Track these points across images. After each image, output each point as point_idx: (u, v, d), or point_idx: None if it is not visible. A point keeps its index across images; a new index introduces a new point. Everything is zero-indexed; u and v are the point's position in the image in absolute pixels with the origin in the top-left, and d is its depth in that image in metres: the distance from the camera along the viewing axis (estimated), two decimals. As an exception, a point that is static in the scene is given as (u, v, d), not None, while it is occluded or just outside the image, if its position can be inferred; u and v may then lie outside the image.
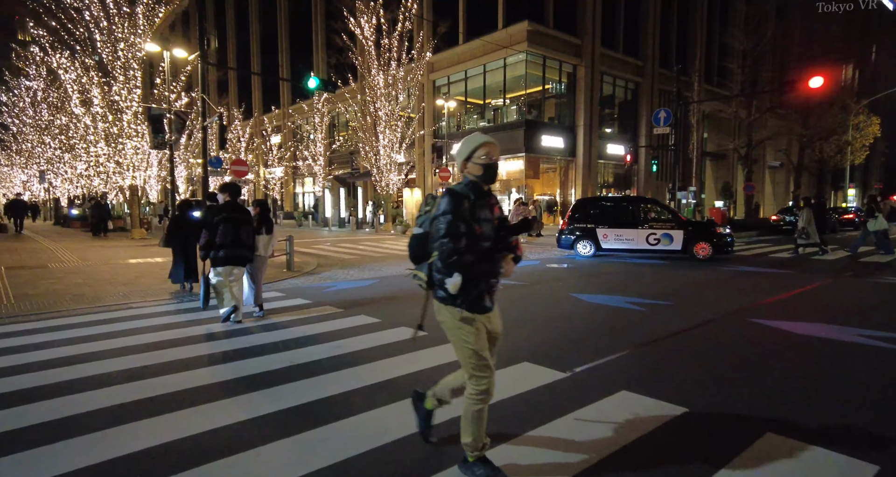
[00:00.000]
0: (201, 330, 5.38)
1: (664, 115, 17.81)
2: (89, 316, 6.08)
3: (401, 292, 7.64)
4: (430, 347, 4.53)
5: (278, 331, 5.30)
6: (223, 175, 15.04)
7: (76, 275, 9.17)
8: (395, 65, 22.82)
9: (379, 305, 6.61)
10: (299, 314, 6.10)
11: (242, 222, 5.51)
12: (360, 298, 7.21)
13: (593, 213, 12.43)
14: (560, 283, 8.51)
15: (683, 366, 4.05)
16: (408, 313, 6.06)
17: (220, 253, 5.39)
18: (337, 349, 4.55)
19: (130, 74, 16.49)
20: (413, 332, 2.66)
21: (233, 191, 5.67)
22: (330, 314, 6.08)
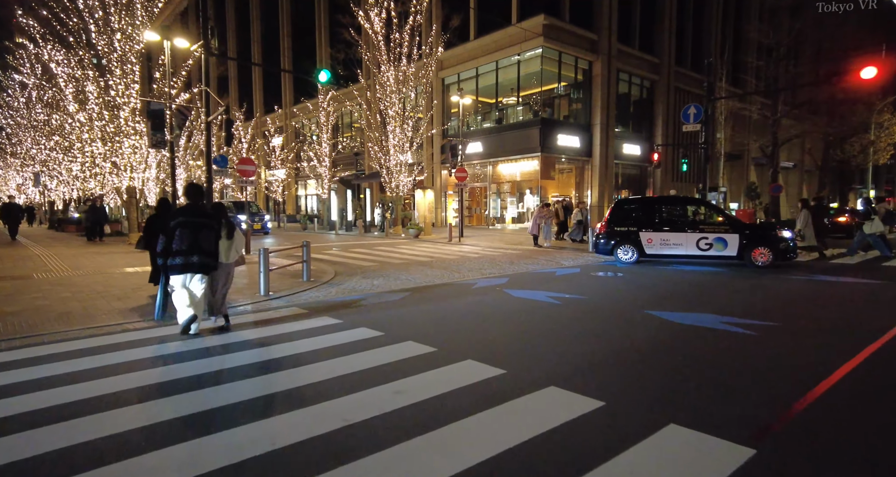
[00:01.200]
0: (218, 363, 4.28)
1: (694, 111, 16.73)
2: (75, 343, 4.96)
3: (443, 309, 6.53)
4: (531, 391, 3.41)
5: (314, 366, 4.19)
6: (228, 175, 13.94)
7: (64, 287, 8.06)
8: (406, 60, 21.76)
9: (423, 327, 5.51)
10: (332, 337, 5.00)
11: (202, 227, 5.05)
12: (398, 316, 6.10)
13: (635, 215, 11.34)
14: (624, 295, 7.40)
15: None
16: (464, 339, 4.96)
17: (175, 260, 4.94)
18: (399, 397, 3.44)
19: (128, 68, 15.40)
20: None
21: (193, 193, 5.28)
22: (369, 338, 4.97)
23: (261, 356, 4.46)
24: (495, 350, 4.48)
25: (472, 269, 10.59)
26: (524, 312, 6.19)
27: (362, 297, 7.40)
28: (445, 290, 7.99)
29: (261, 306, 6.79)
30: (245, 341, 4.97)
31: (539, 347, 4.63)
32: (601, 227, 11.65)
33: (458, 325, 5.56)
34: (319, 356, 4.41)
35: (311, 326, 5.59)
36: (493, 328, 5.38)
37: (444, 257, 12.91)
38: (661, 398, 3.35)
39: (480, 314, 6.09)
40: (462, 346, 4.64)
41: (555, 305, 6.51)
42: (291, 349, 4.65)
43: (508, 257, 12.84)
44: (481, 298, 7.16)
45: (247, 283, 8.62)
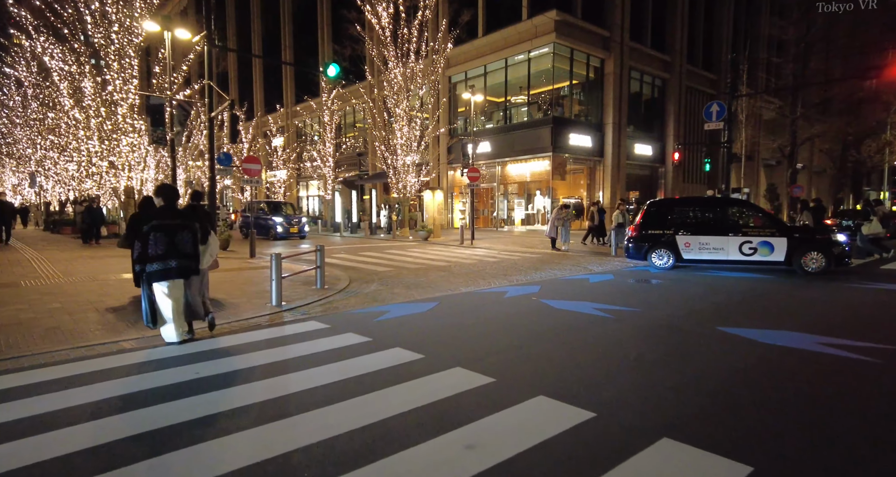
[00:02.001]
0: (229, 399, 3.51)
1: (717, 108, 16.02)
2: (59, 369, 4.19)
3: (481, 324, 5.77)
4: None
5: (350, 404, 3.43)
6: (232, 174, 13.19)
7: (54, 296, 7.28)
8: (414, 57, 21.04)
9: (466, 348, 4.75)
10: (364, 362, 4.24)
11: (178, 229, 4.80)
12: (432, 333, 5.34)
13: (671, 217, 10.57)
14: (681, 307, 6.63)
15: None
16: (522, 366, 4.20)
17: (153, 266, 4.66)
18: (472, 456, 2.68)
19: (126, 63, 14.64)
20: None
21: (168, 194, 4.98)
22: (407, 363, 4.21)
23: (285, 387, 3.69)
24: (566, 383, 3.72)
25: (496, 274, 9.83)
26: (576, 328, 5.43)
27: (387, 308, 6.63)
28: (475, 299, 7.24)
29: (274, 319, 6.03)
30: (260, 367, 4.21)
31: (619, 377, 3.86)
32: (633, 231, 10.87)
33: (506, 345, 4.79)
34: (353, 388, 3.65)
35: (337, 345, 4.83)
36: (550, 351, 4.62)
37: (462, 262, 12.16)
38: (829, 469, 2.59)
39: (528, 331, 5.33)
40: (525, 376, 3.87)
41: (608, 321, 5.74)
42: (319, 377, 3.89)
43: (530, 262, 12.08)
44: (519, 310, 6.41)
45: (255, 291, 7.86)
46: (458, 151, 26.44)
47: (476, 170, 17.85)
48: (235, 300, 7.13)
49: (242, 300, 7.15)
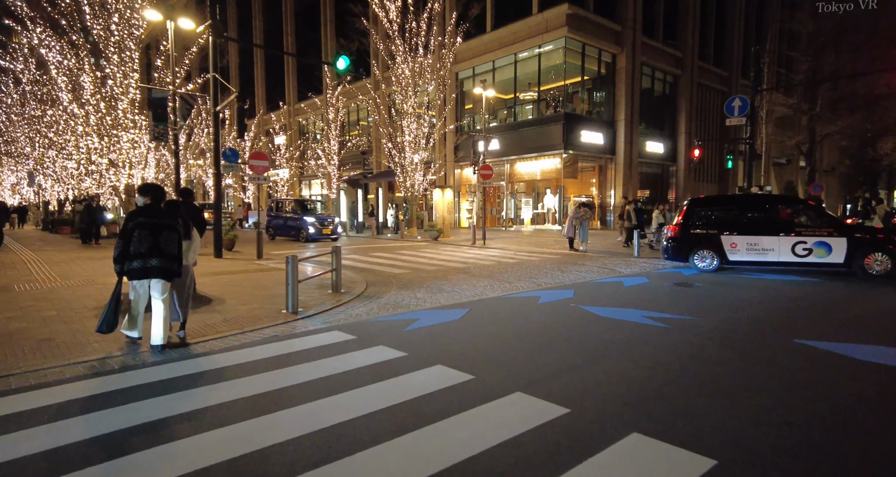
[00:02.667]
0: (251, 437, 2.92)
1: (739, 103, 15.43)
2: (50, 392, 3.60)
3: (524, 336, 5.19)
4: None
5: (404, 442, 2.84)
6: (238, 171, 12.62)
7: (50, 302, 6.70)
8: (423, 51, 20.44)
9: (518, 366, 4.16)
10: (404, 382, 3.65)
11: (163, 228, 4.65)
12: (473, 346, 4.76)
13: (715, 216, 9.91)
14: (741, 315, 6.02)
15: None
16: (593, 389, 3.62)
17: (133, 264, 4.51)
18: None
19: (126, 56, 14.04)
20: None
21: (154, 192, 4.83)
22: (457, 386, 3.63)
23: (322, 416, 3.10)
24: (661, 417, 3.09)
25: (520, 277, 9.24)
26: (636, 341, 4.84)
27: (414, 315, 6.04)
28: (506, 305, 6.65)
29: (293, 329, 5.44)
30: (291, 389, 3.62)
31: (726, 411, 3.27)
32: (673, 231, 10.24)
33: (565, 364, 4.20)
34: (404, 420, 3.06)
35: (369, 360, 4.24)
36: (620, 371, 4.01)
37: (479, 263, 11.57)
38: None
39: (582, 345, 4.74)
40: (604, 405, 3.27)
41: (667, 332, 5.15)
42: (360, 403, 3.30)
43: (552, 263, 11.50)
44: (560, 319, 5.82)
45: (266, 296, 7.27)
46: (467, 149, 25.87)
47: (489, 167, 17.27)
48: (247, 306, 6.55)
49: (254, 306, 6.56)
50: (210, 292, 7.47)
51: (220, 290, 7.72)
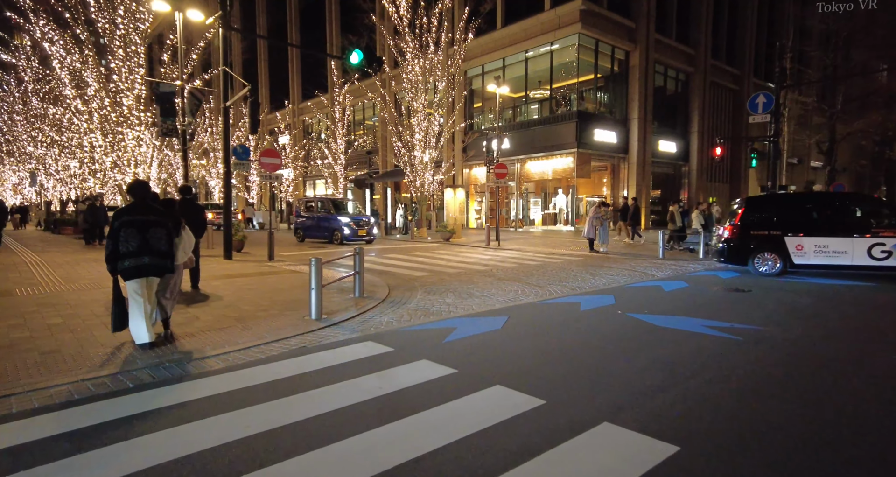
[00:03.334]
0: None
1: (764, 100, 14.92)
2: (54, 419, 3.12)
3: (579, 346, 4.71)
4: None
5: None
6: (249, 169, 12.14)
7: (54, 308, 6.22)
8: (434, 47, 19.98)
9: (590, 387, 3.68)
10: (465, 407, 3.17)
11: (151, 225, 4.62)
12: (530, 362, 4.27)
13: (778, 216, 9.28)
14: (813, 326, 5.55)
15: None
16: (697, 423, 3.13)
17: (125, 263, 4.48)
18: None
19: (132, 50, 13.58)
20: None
21: (139, 190, 4.79)
22: (528, 413, 3.14)
23: (385, 456, 2.62)
24: (778, 453, 2.64)
25: (549, 280, 8.76)
26: (712, 357, 4.35)
27: (451, 324, 5.55)
28: (546, 313, 6.16)
29: (320, 339, 4.96)
30: (337, 413, 3.14)
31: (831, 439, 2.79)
32: (730, 232, 9.53)
33: (645, 385, 3.70)
34: (478, 455, 2.58)
35: (416, 378, 3.75)
36: (716, 397, 3.52)
37: (500, 265, 11.09)
38: None
39: (653, 361, 4.24)
40: (720, 444, 2.79)
41: (743, 346, 4.64)
42: (419, 434, 2.82)
43: (576, 265, 11.01)
44: (613, 329, 5.33)
45: (286, 301, 6.79)
46: (476, 148, 25.39)
47: (504, 166, 16.80)
48: (266, 312, 6.06)
49: (274, 312, 6.08)
50: (224, 297, 6.99)
51: (234, 294, 7.25)
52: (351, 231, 16.14)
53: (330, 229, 16.64)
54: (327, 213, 16.93)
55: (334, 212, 16.72)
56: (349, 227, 16.18)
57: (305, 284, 8.18)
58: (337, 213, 16.63)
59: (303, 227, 17.89)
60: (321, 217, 17.14)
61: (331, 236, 16.61)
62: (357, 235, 16.27)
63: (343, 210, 17.26)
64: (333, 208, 16.92)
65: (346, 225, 16.21)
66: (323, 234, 16.96)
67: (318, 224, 17.12)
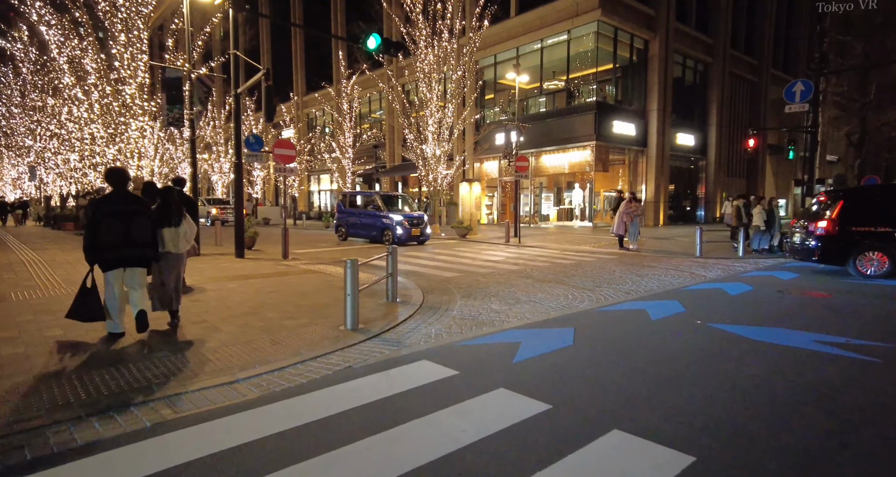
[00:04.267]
0: None
1: (802, 87, 14.06)
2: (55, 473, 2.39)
3: (683, 367, 3.97)
4: None
5: None
6: (262, 160, 11.36)
7: (53, 316, 5.49)
8: (448, 34, 19.15)
9: (747, 435, 2.94)
10: (590, 462, 2.43)
11: (133, 214, 4.49)
12: (634, 393, 3.53)
13: (885, 210, 8.26)
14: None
15: None
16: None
17: (106, 254, 4.38)
18: None
19: (134, 35, 12.78)
20: None
21: (118, 178, 4.58)
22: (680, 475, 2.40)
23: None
24: None
25: (596, 283, 8.01)
26: (862, 386, 3.61)
27: (510, 337, 4.81)
28: (614, 323, 5.42)
29: (365, 357, 4.21)
30: (421, 473, 2.39)
31: None
32: (827, 227, 8.51)
33: (818, 427, 2.97)
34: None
35: (503, 417, 3.00)
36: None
37: (532, 264, 10.34)
38: None
39: (788, 393, 3.51)
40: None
41: (882, 368, 3.91)
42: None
43: (613, 264, 10.28)
44: (704, 345, 4.59)
45: (312, 306, 6.05)
46: (490, 142, 24.59)
47: (525, 159, 16.01)
48: (294, 321, 5.33)
49: (303, 321, 5.35)
50: (244, 301, 6.25)
51: (254, 298, 6.51)
52: (404, 231, 14.12)
53: (379, 228, 14.71)
54: (376, 209, 14.84)
55: (385, 208, 14.67)
56: (402, 227, 14.14)
57: (330, 286, 7.47)
58: (389, 209, 14.68)
59: (346, 225, 16.00)
60: (369, 213, 15.10)
61: (380, 236, 14.65)
62: (411, 236, 14.30)
63: (394, 206, 15.29)
64: (384, 205, 14.81)
65: (398, 224, 14.16)
66: (370, 233, 15.09)
67: (366, 222, 15.23)
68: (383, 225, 14.50)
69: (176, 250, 5.01)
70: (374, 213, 14.87)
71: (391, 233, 14.20)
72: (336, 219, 16.70)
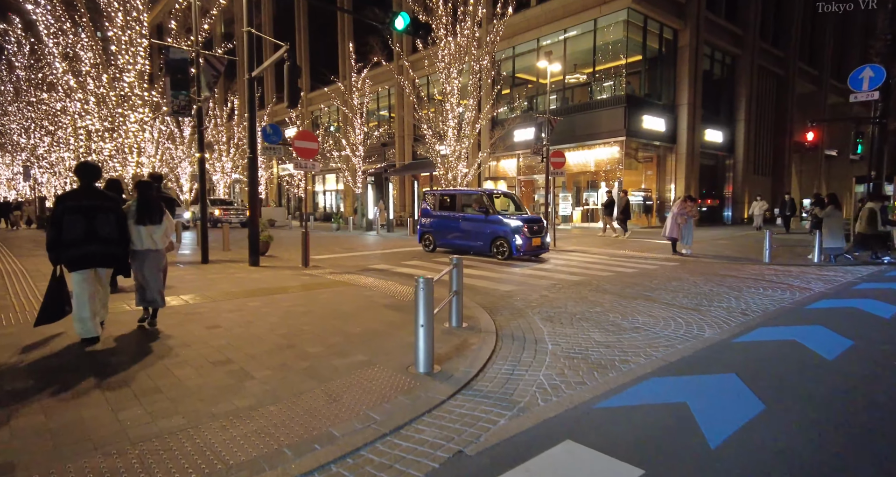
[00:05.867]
0: None
1: (871, 73, 12.70)
2: None
3: None
4: None
5: None
6: (281, 154, 10.03)
7: (24, 358, 4.12)
8: (471, 22, 17.83)
9: None
10: None
11: (97, 210, 4.24)
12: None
13: None
14: None
15: None
16: None
17: (69, 252, 4.14)
18: None
19: (133, 16, 11.42)
20: None
21: (87, 173, 4.36)
22: None
23: None
24: None
25: (692, 299, 6.66)
26: None
27: (662, 394, 3.45)
28: (779, 365, 4.06)
29: (465, 423, 2.87)
30: None
31: None
32: None
33: None
34: None
35: None
36: None
37: (591, 273, 8.99)
38: None
39: None
40: None
41: None
42: None
43: (687, 274, 8.94)
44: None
45: (359, 335, 4.69)
46: (508, 137, 23.21)
47: (561, 154, 14.71)
48: (346, 358, 3.98)
49: (358, 357, 4.01)
50: (274, 327, 4.88)
51: (285, 322, 5.15)
52: (524, 241, 10.58)
53: (487, 236, 11.25)
54: (483, 211, 11.31)
55: (493, 211, 11.20)
56: (522, 235, 10.56)
57: (372, 304, 6.12)
58: (503, 215, 11.16)
59: (435, 232, 12.51)
60: (471, 218, 11.61)
61: (488, 247, 11.26)
62: (531, 247, 10.77)
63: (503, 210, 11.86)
64: (491, 207, 11.28)
65: (516, 231, 10.62)
66: (474, 242, 11.59)
67: (467, 228, 11.73)
68: (494, 232, 11.14)
69: (156, 247, 4.83)
70: (479, 218, 11.39)
71: (507, 243, 10.80)
72: (420, 225, 13.03)
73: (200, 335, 4.67)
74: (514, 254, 10.68)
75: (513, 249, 10.66)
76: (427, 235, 12.84)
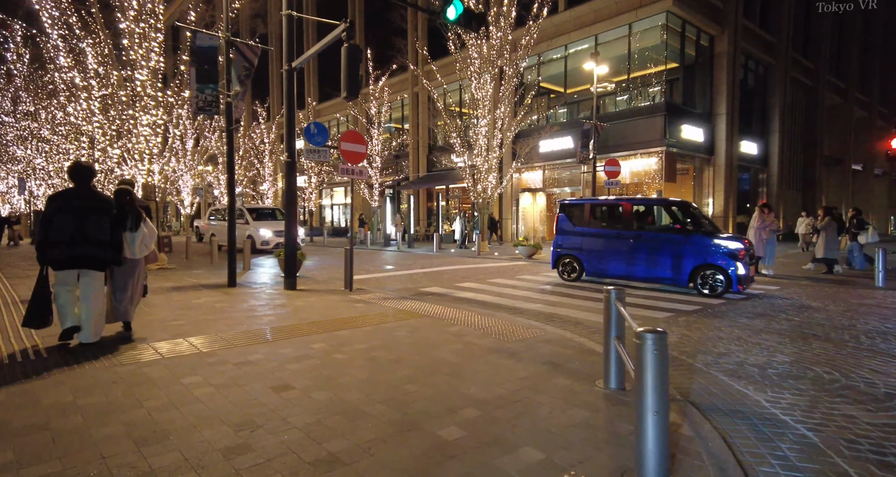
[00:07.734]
0: None
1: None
2: None
3: None
4: None
5: None
6: (326, 157, 8.59)
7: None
8: (505, 22, 16.72)
9: None
10: None
11: (89, 211, 4.16)
12: None
13: None
14: None
15: None
16: None
17: (56, 252, 4.07)
18: None
19: (148, 8, 10.15)
20: None
21: (81, 174, 4.28)
22: None
23: None
24: None
25: (874, 343, 5.25)
26: None
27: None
28: None
29: None
30: None
31: None
32: None
33: None
34: None
35: None
36: None
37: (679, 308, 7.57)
38: None
39: None
40: None
41: None
42: None
43: (811, 299, 7.53)
44: None
45: (494, 401, 3.22)
46: (535, 147, 21.94)
47: (616, 162, 13.43)
48: (510, 455, 2.50)
49: (530, 452, 2.53)
50: (367, 391, 3.40)
51: (379, 380, 3.67)
52: (746, 269, 7.72)
53: (685, 262, 8.13)
54: (682, 228, 8.41)
55: (692, 227, 8.31)
56: (743, 262, 7.71)
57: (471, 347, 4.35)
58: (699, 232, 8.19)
59: (585, 254, 9.41)
60: (653, 236, 8.65)
61: (684, 277, 8.13)
62: (749, 276, 7.88)
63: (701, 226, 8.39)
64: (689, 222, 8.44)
65: (734, 254, 7.73)
66: (659, 271, 8.41)
67: (644, 249, 8.59)
68: (700, 257, 8.00)
69: (132, 255, 4.67)
70: (673, 237, 8.39)
71: (723, 273, 7.76)
72: (557, 245, 9.83)
73: (271, 404, 3.19)
74: (734, 288, 7.72)
75: (733, 281, 7.64)
76: (567, 259, 9.71)
